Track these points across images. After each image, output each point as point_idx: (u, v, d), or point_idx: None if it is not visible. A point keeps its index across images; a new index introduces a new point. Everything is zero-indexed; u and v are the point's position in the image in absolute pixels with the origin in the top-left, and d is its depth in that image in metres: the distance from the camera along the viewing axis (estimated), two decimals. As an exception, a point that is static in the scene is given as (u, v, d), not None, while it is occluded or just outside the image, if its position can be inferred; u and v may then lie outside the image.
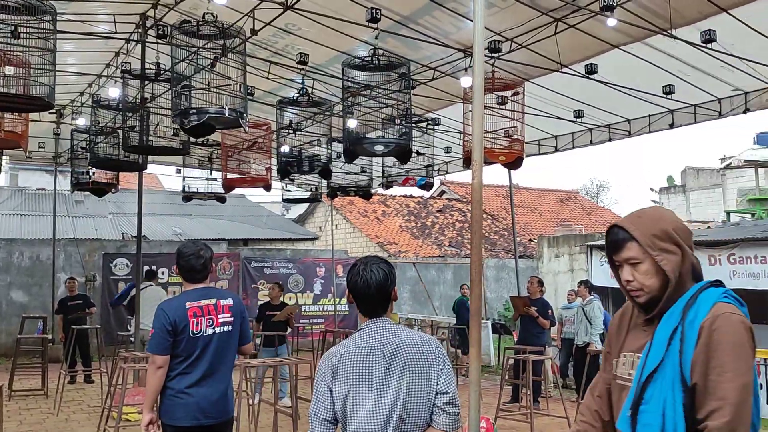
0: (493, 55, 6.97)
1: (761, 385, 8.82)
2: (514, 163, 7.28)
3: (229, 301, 3.77)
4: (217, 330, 3.66)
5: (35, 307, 12.90)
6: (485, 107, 6.74)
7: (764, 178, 18.41)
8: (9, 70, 4.62)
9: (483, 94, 3.61)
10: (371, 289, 2.42)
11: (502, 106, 7.38)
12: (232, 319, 3.73)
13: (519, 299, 9.95)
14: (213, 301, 3.70)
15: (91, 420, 7.67)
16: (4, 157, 9.75)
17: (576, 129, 10.13)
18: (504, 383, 8.62)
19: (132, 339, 9.23)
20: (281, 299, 9.44)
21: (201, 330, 3.60)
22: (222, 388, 3.69)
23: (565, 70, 7.68)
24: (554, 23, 6.92)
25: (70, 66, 9.13)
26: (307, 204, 19.11)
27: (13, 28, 4.87)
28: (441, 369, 2.39)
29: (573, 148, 10.53)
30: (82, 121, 9.69)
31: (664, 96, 8.01)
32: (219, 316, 3.68)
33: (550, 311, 9.38)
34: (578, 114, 9.00)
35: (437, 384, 2.37)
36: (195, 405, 3.57)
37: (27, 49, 4.95)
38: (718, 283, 1.93)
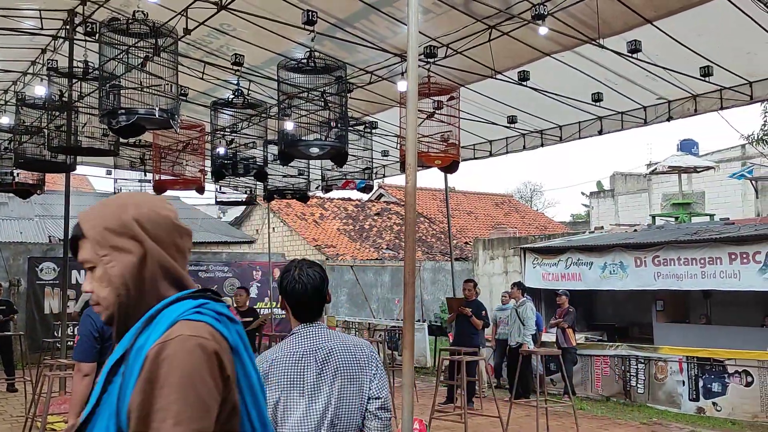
0: (429, 60, 7.08)
1: (683, 382, 9.26)
2: (449, 167, 7.40)
3: None
4: None
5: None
6: (421, 111, 6.86)
7: (686, 184, 19.33)
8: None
9: (417, 99, 3.68)
10: (308, 293, 2.41)
11: (438, 111, 7.50)
12: None
13: (455, 300, 10.12)
14: None
15: (13, 430, 7.34)
16: None
17: (510, 134, 10.37)
18: (439, 384, 8.74)
19: (59, 345, 8.88)
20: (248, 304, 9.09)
21: None
22: None
23: (499, 76, 7.86)
24: (488, 30, 7.09)
25: (-7, 62, 8.75)
26: (244, 207, 18.86)
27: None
28: (374, 374, 2.39)
29: (507, 153, 10.76)
30: (5, 120, 9.27)
31: (593, 103, 8.31)
32: None
33: (484, 312, 9.57)
34: (512, 120, 9.23)
35: (370, 389, 2.37)
36: None
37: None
38: (201, 294, 1.40)
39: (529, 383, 9.64)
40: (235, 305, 9.01)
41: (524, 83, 7.59)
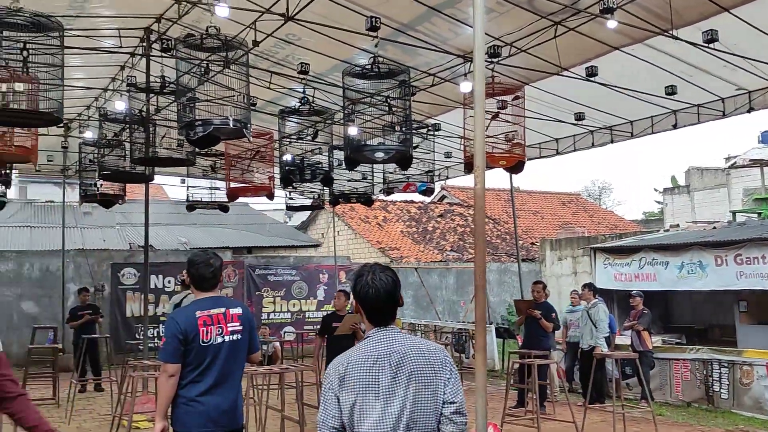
0: (493, 60, 7.04)
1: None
2: (515, 167, 7.33)
3: (238, 310, 3.78)
4: (227, 339, 3.67)
5: (46, 317, 12.97)
6: (486, 112, 6.83)
7: (769, 177, 18.39)
8: (19, 86, 4.71)
9: (484, 101, 3.68)
10: (381, 298, 2.44)
11: (503, 111, 7.45)
12: (240, 328, 3.74)
13: (523, 302, 9.99)
14: (222, 310, 3.71)
15: (101, 428, 7.74)
16: (13, 171, 9.85)
17: (577, 131, 10.17)
18: (509, 388, 8.65)
19: (140, 347, 9.29)
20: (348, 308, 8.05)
21: (211, 339, 3.62)
22: (232, 396, 3.71)
23: (565, 73, 7.74)
24: (553, 26, 6.99)
25: (77, 80, 9.24)
26: (309, 211, 19.19)
27: (22, 45, 4.98)
28: (448, 378, 2.39)
29: (575, 150, 10.56)
30: (89, 134, 9.80)
31: (667, 97, 8.04)
32: (228, 324, 3.69)
33: (554, 314, 9.41)
34: (579, 116, 9.05)
35: (444, 393, 2.37)
36: (206, 413, 3.59)
37: (35, 66, 5.03)
38: None
39: (604, 387, 9.41)
40: (333, 308, 8.44)
41: (592, 79, 7.44)
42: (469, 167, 7.45)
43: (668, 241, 11.99)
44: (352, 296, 5.82)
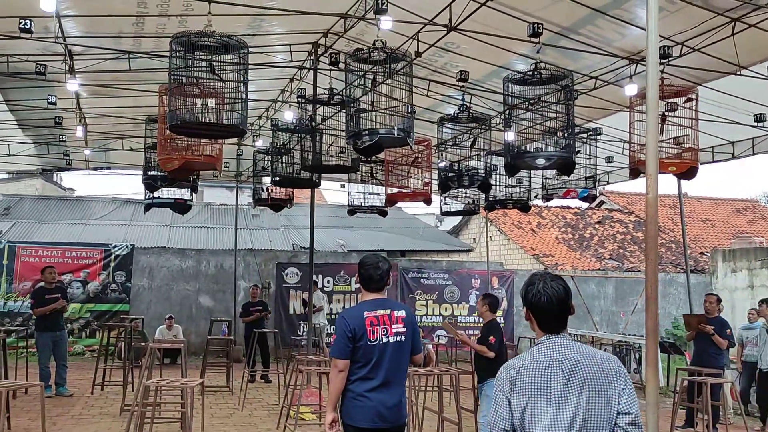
0: (662, 61, 6.70)
1: None
2: (687, 173, 6.91)
3: (402, 313, 3.93)
4: (391, 339, 3.84)
5: (219, 311, 14.23)
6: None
7: None
8: (211, 102, 5.27)
9: (657, 106, 3.55)
10: (554, 305, 2.49)
11: (672, 114, 7.06)
12: (404, 329, 3.89)
13: (693, 317, 9.34)
14: (388, 311, 3.86)
15: (270, 417, 8.35)
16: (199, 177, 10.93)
17: (757, 134, 9.38)
18: (677, 406, 8.14)
19: (303, 343, 9.88)
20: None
21: (377, 339, 3.80)
22: (398, 394, 3.88)
23: (744, 72, 7.20)
24: (731, 23, 6.54)
25: (250, 93, 10.08)
26: (461, 216, 19.26)
27: (211, 64, 5.56)
28: (623, 388, 2.37)
29: (753, 154, 9.77)
30: (260, 143, 10.62)
31: None
32: (393, 326, 3.86)
33: (728, 331, 8.71)
34: (759, 118, 8.35)
35: (619, 404, 2.35)
36: (373, 409, 3.78)
37: (224, 82, 5.59)
38: None
39: (786, 412, 8.56)
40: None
41: (775, 77, 6.85)
42: (634, 173, 7.14)
43: None
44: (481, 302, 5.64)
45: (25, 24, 5.93)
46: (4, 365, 8.03)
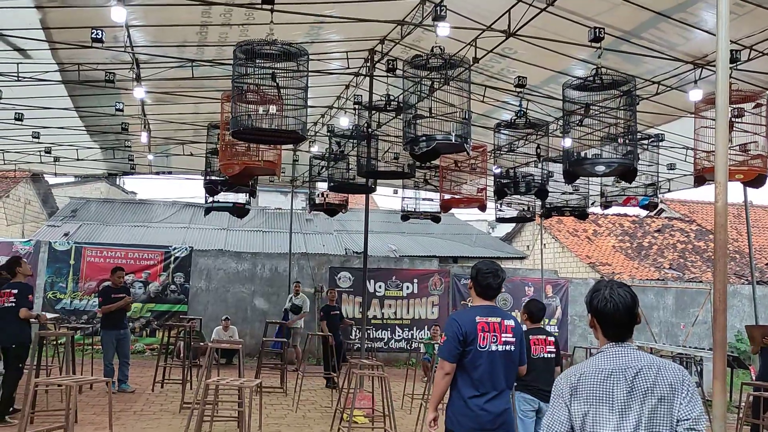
0: (731, 65, 6.50)
1: None
2: (755, 180, 6.67)
3: (512, 322, 3.86)
4: (500, 348, 3.76)
5: (274, 314, 14.44)
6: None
7: None
8: (273, 108, 5.38)
9: (727, 113, 3.45)
10: (621, 313, 2.46)
11: (739, 120, 6.83)
12: (513, 339, 3.84)
13: (757, 329, 8.99)
14: (498, 319, 3.81)
15: (324, 419, 8.43)
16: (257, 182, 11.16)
17: (829, 140, 8.96)
18: (742, 422, 7.85)
19: (358, 346, 9.92)
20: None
21: (487, 345, 3.75)
22: (504, 403, 3.80)
23: (817, 75, 6.92)
24: (803, 26, 6.30)
25: (308, 99, 10.28)
26: (516, 223, 19.05)
27: (273, 71, 5.69)
28: (685, 397, 2.34)
29: (826, 161, 9.31)
30: (316, 148, 10.77)
31: None
32: (503, 334, 3.80)
33: (797, 345, 8.34)
34: (832, 124, 7.97)
35: (678, 411, 2.32)
36: (478, 418, 3.72)
37: (284, 90, 5.71)
38: None
39: None
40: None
41: None
42: (699, 180, 6.93)
43: None
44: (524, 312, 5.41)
45: (97, 34, 6.19)
46: (72, 361, 8.35)
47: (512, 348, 3.82)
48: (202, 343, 11.85)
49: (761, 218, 23.84)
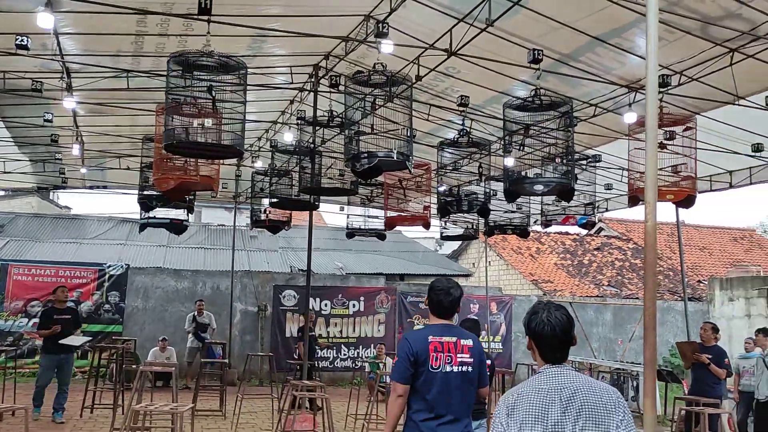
0: (661, 89, 6.72)
1: None
2: (685, 201, 6.90)
3: (469, 342, 3.70)
4: (455, 369, 3.60)
5: (216, 333, 14.04)
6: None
7: None
8: (208, 122, 5.24)
9: (656, 134, 3.53)
10: (557, 335, 2.47)
11: (670, 142, 7.06)
12: (471, 360, 3.67)
13: (686, 344, 9.23)
14: (454, 339, 3.65)
15: (262, 442, 8.20)
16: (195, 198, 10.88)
17: (754, 163, 9.41)
18: (675, 436, 8.03)
19: (298, 367, 9.71)
20: None
21: (440, 366, 3.58)
22: (460, 427, 3.62)
23: (741, 102, 7.22)
24: (729, 54, 6.57)
25: (250, 114, 10.10)
26: (460, 241, 19.21)
27: (209, 84, 5.54)
28: (621, 419, 2.36)
29: (750, 184, 9.78)
30: (259, 164, 10.59)
31: None
32: (458, 355, 3.63)
33: (726, 360, 8.61)
34: (757, 148, 8.38)
35: None
36: None
37: (220, 103, 5.57)
38: None
39: (785, 445, 8.42)
40: None
41: (774, 108, 6.86)
42: (633, 200, 7.12)
43: None
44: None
45: (22, 41, 5.91)
46: (-7, 386, 7.89)
47: (469, 369, 3.64)
48: (135, 366, 11.40)
49: (693, 237, 24.78)
